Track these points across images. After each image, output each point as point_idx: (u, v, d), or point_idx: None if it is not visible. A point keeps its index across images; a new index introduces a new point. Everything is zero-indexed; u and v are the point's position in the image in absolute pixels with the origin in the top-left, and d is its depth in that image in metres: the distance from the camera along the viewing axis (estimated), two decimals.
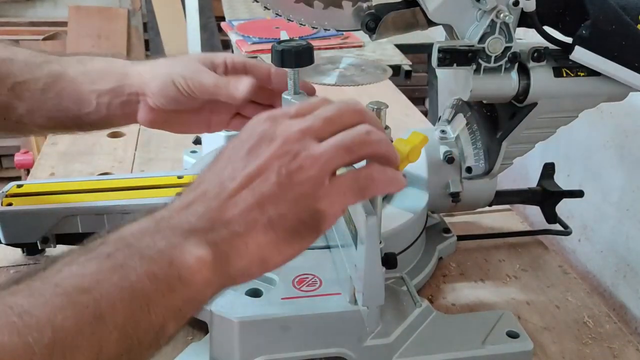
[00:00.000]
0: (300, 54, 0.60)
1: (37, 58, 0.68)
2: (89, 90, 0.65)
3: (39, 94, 0.66)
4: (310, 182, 0.43)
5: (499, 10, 0.62)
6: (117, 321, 0.37)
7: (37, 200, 0.73)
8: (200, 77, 0.63)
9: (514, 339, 0.62)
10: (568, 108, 0.69)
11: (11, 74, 0.66)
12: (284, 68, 0.61)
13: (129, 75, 0.65)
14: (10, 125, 0.69)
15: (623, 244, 1.02)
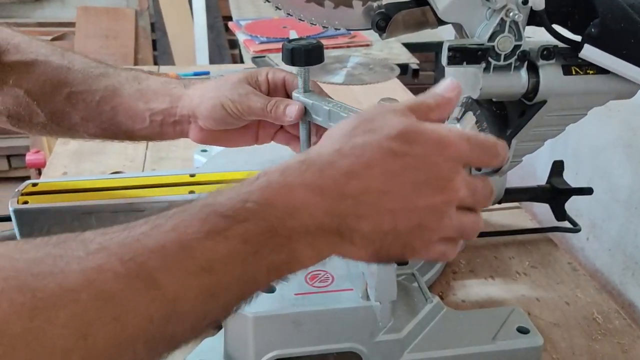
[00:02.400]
0: (310, 52, 0.61)
1: (94, 69, 0.71)
2: (143, 109, 0.68)
3: (94, 106, 0.68)
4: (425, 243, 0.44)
5: (509, 8, 0.62)
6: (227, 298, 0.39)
7: (53, 199, 0.74)
8: (249, 100, 0.65)
9: (525, 335, 0.62)
10: (577, 106, 0.69)
11: (68, 83, 0.69)
12: (295, 66, 0.63)
13: (182, 98, 0.68)
14: (63, 131, 0.71)
15: (631, 242, 1.03)
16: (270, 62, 1.58)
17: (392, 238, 0.43)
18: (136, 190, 0.75)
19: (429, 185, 0.43)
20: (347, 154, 0.43)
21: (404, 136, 0.44)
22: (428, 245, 0.45)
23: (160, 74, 0.72)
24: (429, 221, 0.44)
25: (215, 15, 3.10)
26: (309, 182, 0.41)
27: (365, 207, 0.42)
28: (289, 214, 0.40)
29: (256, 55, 1.64)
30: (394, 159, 0.43)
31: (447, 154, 0.44)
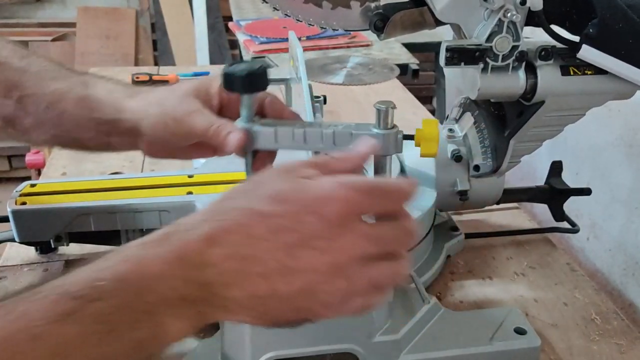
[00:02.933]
0: (251, 77, 0.52)
1: (48, 72, 0.67)
2: (87, 118, 0.64)
3: (42, 110, 0.65)
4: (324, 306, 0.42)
5: (507, 9, 0.62)
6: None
7: (51, 200, 0.74)
8: (192, 120, 0.59)
9: (522, 336, 0.62)
10: (575, 106, 0.69)
11: (20, 86, 0.66)
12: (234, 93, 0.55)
13: (125, 111, 0.63)
14: (19, 135, 0.68)
15: (632, 242, 1.02)
16: (270, 63, 1.58)
17: (276, 303, 0.41)
18: (134, 191, 0.75)
19: (306, 246, 0.40)
20: (209, 220, 0.41)
21: (276, 197, 0.42)
22: (331, 308, 0.42)
23: (111, 79, 0.68)
24: (318, 284, 0.40)
25: (216, 15, 3.10)
26: (168, 252, 0.40)
27: (231, 274, 0.40)
28: (146, 287, 0.39)
29: (256, 56, 1.64)
30: (260, 221, 0.41)
31: (326, 210, 0.41)
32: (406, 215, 0.44)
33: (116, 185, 0.77)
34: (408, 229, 0.44)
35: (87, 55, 3.13)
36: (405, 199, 0.44)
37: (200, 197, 0.74)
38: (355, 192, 0.41)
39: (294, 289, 0.40)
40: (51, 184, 0.77)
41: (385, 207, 0.43)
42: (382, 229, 0.43)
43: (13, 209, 0.72)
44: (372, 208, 0.43)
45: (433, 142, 0.57)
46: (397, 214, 0.44)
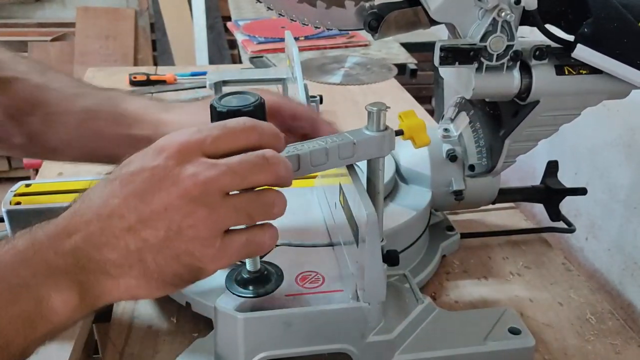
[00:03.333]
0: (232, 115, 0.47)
1: (70, 89, 0.68)
2: (125, 134, 0.65)
3: (73, 129, 0.66)
4: (199, 243, 0.42)
5: (501, 8, 0.62)
6: None
7: (46, 199, 0.74)
8: None
9: (516, 336, 0.62)
10: (570, 106, 0.69)
11: (45, 103, 0.66)
12: None
13: (163, 125, 0.65)
14: (45, 153, 0.69)
15: (631, 242, 1.02)
16: (268, 63, 1.58)
17: (152, 254, 0.42)
18: None
19: (155, 189, 0.42)
20: (75, 201, 0.44)
21: (122, 164, 0.45)
22: (207, 243, 0.42)
23: (141, 95, 0.69)
24: (181, 220, 0.41)
25: (215, 15, 3.10)
26: (34, 232, 0.43)
27: (97, 235, 0.42)
28: (18, 262, 0.41)
29: (254, 56, 1.64)
30: (109, 184, 0.43)
31: (165, 154, 0.42)
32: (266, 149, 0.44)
33: None
34: (265, 156, 0.44)
35: (86, 55, 3.14)
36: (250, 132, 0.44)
37: None
38: (190, 133, 0.43)
39: (162, 232, 0.41)
40: (46, 184, 0.77)
41: (233, 142, 0.44)
42: (232, 159, 0.43)
43: (7, 209, 0.72)
44: (213, 143, 0.43)
45: (423, 131, 0.57)
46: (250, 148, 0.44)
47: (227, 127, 0.44)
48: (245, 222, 0.44)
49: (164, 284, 0.43)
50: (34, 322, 0.41)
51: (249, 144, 0.44)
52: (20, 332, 0.40)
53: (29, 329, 0.40)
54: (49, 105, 0.66)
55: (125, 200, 0.42)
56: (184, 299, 0.67)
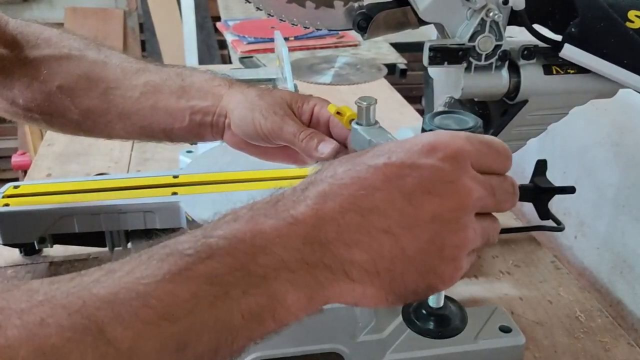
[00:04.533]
0: None
1: (133, 64, 0.67)
2: (184, 106, 0.64)
3: (132, 102, 0.65)
4: (452, 265, 0.38)
5: (489, 9, 0.62)
6: (198, 350, 0.33)
7: (34, 201, 0.73)
8: (283, 123, 0.59)
9: (507, 334, 0.62)
10: (558, 105, 0.70)
11: (104, 79, 0.65)
12: None
13: (223, 98, 0.64)
14: (99, 128, 0.68)
15: (619, 241, 1.03)
16: (258, 63, 1.58)
17: (403, 265, 0.37)
18: (118, 192, 0.75)
19: (426, 191, 0.37)
20: (322, 180, 0.38)
21: (383, 151, 0.39)
22: (458, 265, 0.38)
23: (205, 71, 0.68)
24: (446, 234, 0.37)
25: (204, 15, 3.09)
26: (281, 211, 0.36)
27: (352, 230, 0.36)
28: (261, 247, 0.35)
29: (244, 56, 1.64)
30: (373, 172, 0.37)
31: (440, 155, 0.38)
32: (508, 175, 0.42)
33: (100, 186, 0.76)
34: (514, 186, 0.42)
35: None
36: (509, 158, 0.42)
37: (185, 198, 0.74)
38: (463, 139, 0.39)
39: (422, 244, 0.36)
40: (35, 185, 0.77)
41: (494, 163, 0.40)
42: (493, 179, 0.40)
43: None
44: (480, 158, 0.39)
45: None
46: (504, 172, 0.41)
47: (494, 147, 0.41)
48: (482, 246, 0.41)
49: (397, 299, 0.38)
50: (264, 318, 0.35)
51: (504, 169, 0.41)
52: (248, 327, 0.35)
53: (256, 325, 0.35)
54: (108, 81, 0.65)
55: (391, 197, 0.36)
56: None
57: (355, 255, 0.36)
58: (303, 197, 0.37)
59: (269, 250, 0.35)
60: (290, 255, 0.35)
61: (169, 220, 0.74)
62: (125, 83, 0.65)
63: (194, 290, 0.33)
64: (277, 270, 0.35)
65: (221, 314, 0.34)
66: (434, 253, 0.37)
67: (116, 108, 0.65)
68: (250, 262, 0.35)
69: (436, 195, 0.37)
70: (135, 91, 0.65)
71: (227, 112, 0.63)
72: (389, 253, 0.36)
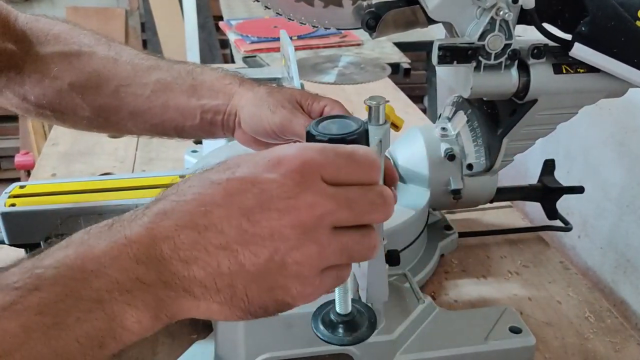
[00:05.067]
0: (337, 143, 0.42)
1: (144, 61, 0.67)
2: (195, 105, 0.64)
3: (143, 100, 0.65)
4: (299, 281, 0.37)
5: (499, 7, 0.62)
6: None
7: (40, 201, 0.73)
8: (292, 117, 0.59)
9: (517, 334, 0.62)
10: (568, 104, 0.69)
11: (115, 76, 0.65)
12: None
13: (234, 96, 0.64)
14: (111, 125, 0.68)
15: (623, 240, 1.03)
16: (262, 62, 1.57)
17: (245, 281, 0.36)
18: (124, 192, 0.75)
19: (265, 208, 0.36)
20: (165, 197, 0.37)
21: (228, 164, 0.38)
22: (306, 281, 0.37)
23: (217, 68, 0.68)
24: (287, 251, 0.36)
25: (206, 15, 3.08)
26: (116, 232, 0.35)
27: (188, 248, 0.35)
28: (92, 270, 0.34)
29: (247, 55, 1.63)
30: (213, 188, 0.36)
31: (283, 169, 0.37)
32: (379, 184, 0.40)
33: (106, 186, 0.76)
34: (383, 195, 0.39)
35: None
36: (374, 168, 0.39)
37: None
38: (315, 152, 0.38)
39: (261, 260, 0.36)
40: (40, 185, 0.77)
41: (354, 174, 0.39)
42: (350, 191, 0.38)
43: (2, 211, 0.71)
44: (335, 170, 0.38)
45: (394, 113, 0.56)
46: (368, 183, 0.39)
47: (354, 159, 0.39)
48: (346, 262, 0.39)
49: (245, 313, 0.38)
50: (104, 342, 0.35)
51: (367, 180, 0.39)
52: (87, 353, 0.34)
53: (97, 350, 0.35)
54: (119, 79, 0.65)
55: (229, 212, 0.36)
56: None
57: (194, 272, 0.36)
58: (140, 216, 0.37)
59: (101, 273, 0.34)
60: (124, 276, 0.35)
61: None
62: (137, 81, 0.65)
63: (24, 322, 0.32)
64: (112, 292, 0.34)
65: (55, 343, 0.33)
66: (275, 270, 0.36)
67: (127, 106, 0.65)
68: (81, 287, 0.34)
69: (275, 211, 0.36)
70: (146, 89, 0.64)
71: (237, 110, 0.63)
72: (228, 270, 0.36)
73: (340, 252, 0.38)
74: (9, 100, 0.67)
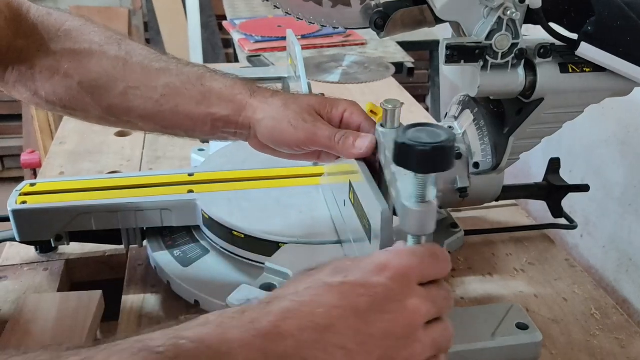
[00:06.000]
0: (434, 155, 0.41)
1: (154, 62, 0.66)
2: (204, 113, 0.64)
3: (153, 104, 0.65)
4: None
5: (506, 7, 0.63)
6: None
7: (51, 199, 0.74)
8: (315, 128, 0.60)
9: (524, 331, 0.63)
10: (574, 103, 0.70)
11: (125, 78, 0.65)
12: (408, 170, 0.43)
13: (245, 108, 0.64)
14: (122, 124, 0.69)
15: (625, 239, 1.03)
16: (266, 62, 1.58)
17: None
18: (135, 190, 0.75)
19: (378, 310, 0.40)
20: (285, 297, 0.41)
21: (334, 267, 0.43)
22: None
23: (227, 74, 0.68)
24: (395, 350, 0.40)
25: (209, 14, 3.09)
26: (246, 323, 0.39)
27: (309, 346, 0.39)
28: (225, 353, 0.37)
29: (251, 55, 1.64)
30: (330, 290, 0.41)
31: (389, 274, 0.42)
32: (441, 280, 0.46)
33: (117, 184, 0.77)
34: (449, 292, 0.46)
35: None
36: (448, 262, 0.46)
37: (201, 196, 0.74)
38: (411, 256, 0.43)
39: (373, 358, 0.40)
40: (51, 183, 0.77)
41: (436, 271, 0.45)
42: (434, 291, 0.44)
43: (13, 209, 0.72)
44: (425, 271, 0.44)
45: None
46: (442, 277, 0.45)
47: (436, 255, 0.45)
48: (435, 354, 0.44)
49: None
50: None
51: (444, 276, 0.46)
52: None
53: None
54: (128, 80, 0.65)
55: (345, 315, 0.40)
56: (193, 297, 0.68)
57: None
58: (266, 312, 0.40)
59: (233, 356, 0.37)
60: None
61: (186, 218, 0.74)
62: (146, 83, 0.65)
63: None
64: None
65: None
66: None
67: (137, 109, 0.65)
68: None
69: (387, 313, 0.40)
70: (155, 93, 0.65)
71: (252, 124, 0.63)
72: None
73: (432, 345, 0.43)
74: (21, 94, 0.68)
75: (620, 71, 0.66)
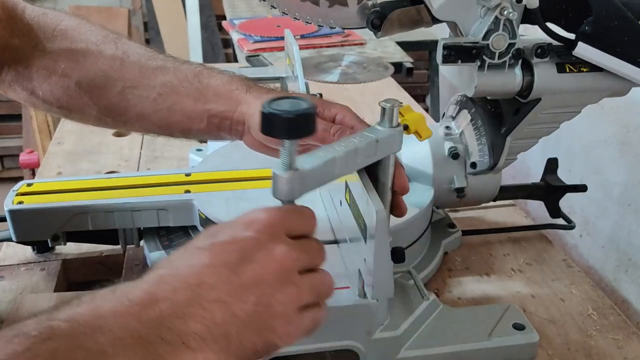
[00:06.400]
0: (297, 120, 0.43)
1: (151, 61, 0.66)
2: (201, 109, 0.65)
3: (149, 103, 0.65)
4: (283, 320, 0.43)
5: (503, 7, 0.62)
6: None
7: (48, 199, 0.74)
8: None
9: (521, 331, 0.63)
10: (571, 103, 0.70)
11: (122, 77, 0.65)
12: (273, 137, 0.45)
13: (241, 104, 0.64)
14: (118, 124, 0.69)
15: (625, 239, 1.03)
16: (265, 61, 1.58)
17: (237, 329, 0.41)
18: (131, 190, 0.75)
19: (248, 260, 0.42)
20: (159, 267, 0.43)
21: (205, 233, 0.45)
22: (289, 320, 0.43)
23: (224, 71, 0.68)
24: (271, 294, 0.42)
25: (208, 14, 3.09)
26: (119, 296, 0.40)
27: (185, 305, 0.40)
28: (99, 327, 0.38)
29: (250, 54, 1.64)
30: (201, 252, 0.43)
31: (255, 227, 0.44)
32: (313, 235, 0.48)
33: (113, 184, 0.77)
34: (321, 245, 0.48)
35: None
36: (314, 219, 0.48)
37: (198, 196, 0.74)
38: (277, 211, 0.45)
39: (250, 306, 0.41)
40: (48, 183, 0.77)
41: (303, 226, 0.47)
42: (304, 242, 0.46)
43: (10, 209, 0.72)
44: (292, 225, 0.46)
45: (425, 124, 0.58)
46: (310, 232, 0.48)
47: (303, 214, 0.47)
48: (315, 300, 0.45)
49: (239, 359, 0.42)
50: None
51: (311, 231, 0.48)
52: None
53: None
54: (125, 80, 0.65)
55: (217, 270, 0.42)
56: None
57: (191, 327, 0.40)
58: (139, 283, 0.41)
59: (107, 329, 0.38)
60: (126, 333, 0.38)
61: (183, 218, 0.74)
62: (143, 83, 0.65)
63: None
64: (115, 347, 0.38)
65: None
66: (264, 312, 0.42)
67: (134, 108, 0.65)
68: (88, 340, 0.37)
69: (256, 262, 0.42)
70: (152, 92, 0.65)
71: (246, 118, 0.64)
72: (222, 320, 0.41)
73: (311, 290, 0.45)
74: (18, 94, 0.68)
75: (618, 71, 0.66)
